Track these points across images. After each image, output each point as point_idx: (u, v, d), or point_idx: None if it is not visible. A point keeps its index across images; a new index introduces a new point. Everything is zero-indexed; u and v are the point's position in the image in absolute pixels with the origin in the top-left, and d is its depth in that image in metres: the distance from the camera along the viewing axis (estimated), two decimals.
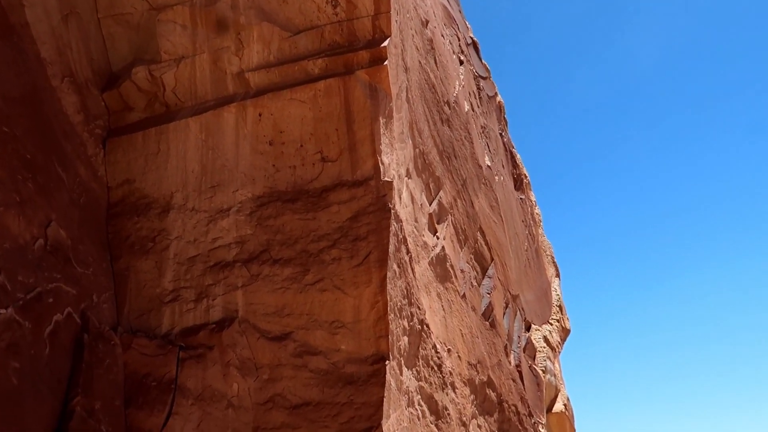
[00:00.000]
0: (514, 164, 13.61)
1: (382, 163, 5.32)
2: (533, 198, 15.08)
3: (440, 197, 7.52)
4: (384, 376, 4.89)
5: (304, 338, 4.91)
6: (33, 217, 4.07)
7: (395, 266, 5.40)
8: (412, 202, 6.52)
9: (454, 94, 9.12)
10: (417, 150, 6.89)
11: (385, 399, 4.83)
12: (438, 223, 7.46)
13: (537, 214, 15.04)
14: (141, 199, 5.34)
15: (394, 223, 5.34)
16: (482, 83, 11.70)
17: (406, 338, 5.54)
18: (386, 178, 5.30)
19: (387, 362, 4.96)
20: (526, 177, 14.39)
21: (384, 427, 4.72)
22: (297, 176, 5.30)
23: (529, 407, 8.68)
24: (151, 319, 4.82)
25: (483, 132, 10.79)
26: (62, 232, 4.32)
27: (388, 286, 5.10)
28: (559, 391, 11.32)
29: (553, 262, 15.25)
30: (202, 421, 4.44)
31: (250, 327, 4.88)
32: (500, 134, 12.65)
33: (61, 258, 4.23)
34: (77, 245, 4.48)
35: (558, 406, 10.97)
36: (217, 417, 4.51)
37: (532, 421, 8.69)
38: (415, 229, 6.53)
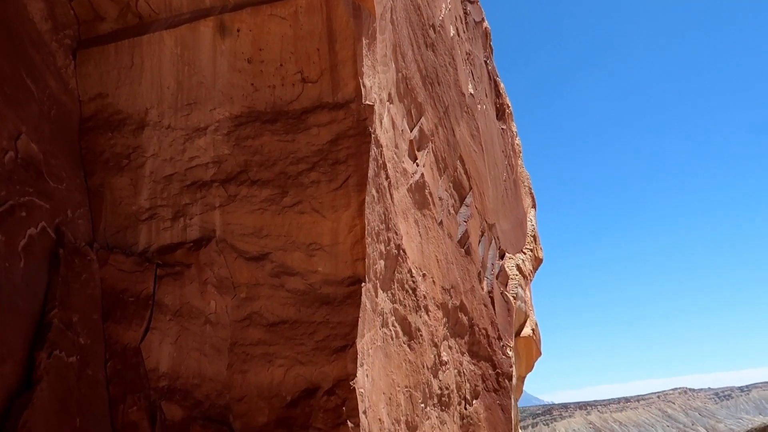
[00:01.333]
0: (498, 93, 13.46)
1: (364, 86, 5.22)
2: (514, 129, 15.03)
3: (422, 124, 7.45)
4: (360, 298, 5.01)
5: (282, 259, 4.96)
6: (2, 129, 3.94)
7: (374, 191, 5.41)
8: (393, 128, 6.46)
9: (440, 18, 8.86)
10: (400, 74, 6.75)
11: (360, 319, 4.97)
12: (418, 150, 7.43)
13: (517, 144, 15.05)
14: (114, 114, 5.19)
15: (374, 148, 5.30)
16: (469, 7, 11.36)
17: (382, 262, 5.63)
18: (367, 102, 5.22)
19: (363, 284, 5.06)
20: (508, 107, 14.28)
21: (358, 346, 4.87)
22: (276, 96, 5.18)
23: (498, 331, 9.02)
24: (128, 237, 4.81)
25: (468, 59, 10.58)
26: (33, 146, 4.21)
27: (366, 211, 5.13)
28: (528, 316, 11.75)
29: (530, 193, 15.43)
30: (180, 336, 4.53)
31: (227, 247, 4.90)
32: (485, 62, 12.42)
33: (33, 172, 4.14)
34: (49, 159, 4.38)
35: (526, 331, 11.43)
36: (195, 332, 4.61)
37: (501, 344, 9.05)
38: (395, 155, 6.50)
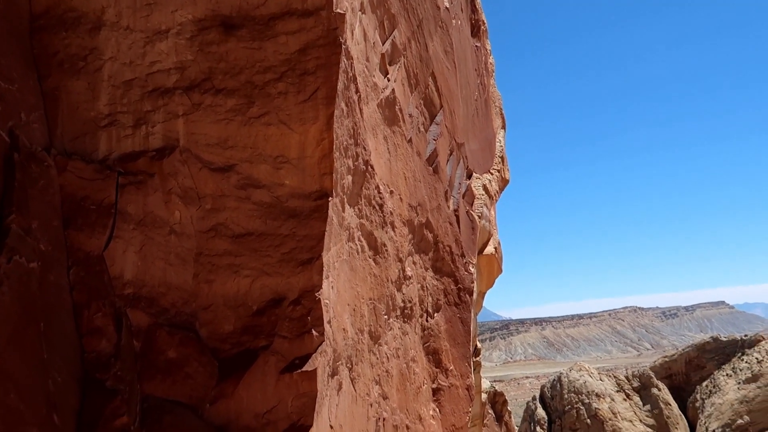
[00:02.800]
0: (474, 8, 13.06)
1: None
2: (488, 47, 14.73)
3: (394, 37, 7.22)
4: (326, 212, 5.02)
5: (248, 171, 4.90)
6: None
7: (343, 105, 5.31)
8: (365, 40, 6.25)
9: None
10: None
11: (326, 233, 5.01)
12: (390, 65, 7.25)
13: (491, 63, 14.81)
14: (68, 12, 4.86)
15: (345, 60, 5.15)
16: None
17: (350, 177, 5.62)
18: (338, 10, 5.00)
19: (330, 199, 5.06)
20: (484, 24, 13.91)
21: (324, 259, 4.94)
22: (242, 0, 4.92)
23: (462, 248, 9.24)
24: (87, 143, 4.65)
25: None
26: None
27: (335, 125, 5.04)
28: (492, 235, 12.04)
29: (501, 114, 15.37)
30: (145, 245, 4.51)
31: (192, 157, 4.79)
32: None
33: None
34: None
35: (489, 249, 11.73)
36: (160, 242, 4.58)
37: (464, 260, 9.30)
38: (365, 69, 6.33)
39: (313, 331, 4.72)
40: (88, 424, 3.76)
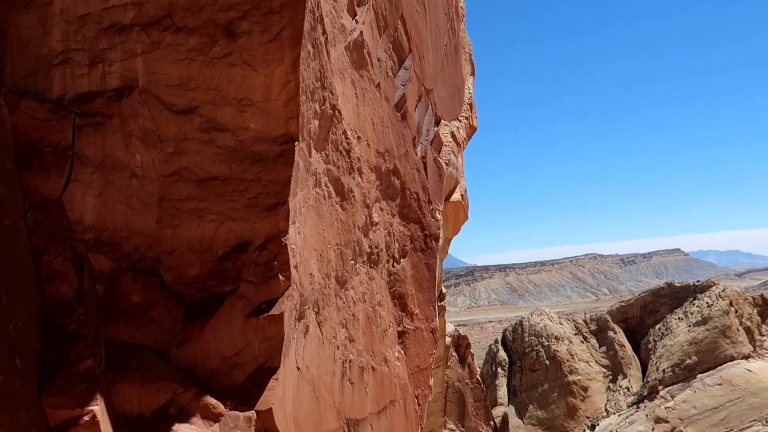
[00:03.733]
0: None
1: None
2: None
3: None
4: (292, 157, 4.95)
5: (211, 114, 4.77)
6: None
7: (309, 46, 5.16)
8: None
9: None
10: None
11: (292, 178, 4.95)
12: (358, 6, 7.04)
13: (461, 7, 14.53)
14: None
15: None
16: None
17: (316, 121, 5.53)
18: None
19: (296, 143, 4.99)
20: None
21: (290, 204, 4.91)
22: None
23: (429, 195, 9.29)
24: (39, 82, 4.43)
25: None
26: None
27: (301, 67, 4.92)
28: (459, 182, 12.11)
29: (470, 60, 15.21)
30: (105, 189, 4.39)
31: (152, 98, 4.63)
32: None
33: None
34: None
35: (455, 196, 11.83)
36: (121, 186, 4.47)
37: (431, 207, 9.37)
38: (333, 10, 6.14)
39: (280, 276, 4.74)
40: (52, 368, 3.74)
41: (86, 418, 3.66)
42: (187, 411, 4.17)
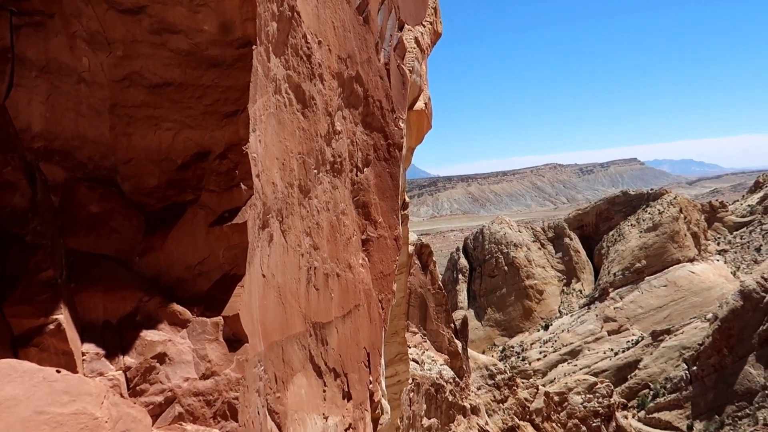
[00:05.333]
0: None
1: None
2: None
3: None
4: (251, 61, 4.75)
5: (162, 14, 4.48)
6: None
7: None
8: None
9: None
10: None
11: (251, 84, 4.78)
12: None
13: None
14: None
15: None
16: None
17: (275, 24, 5.28)
18: None
19: (254, 47, 4.77)
20: None
21: (250, 111, 4.77)
22: None
23: (392, 103, 9.15)
24: None
25: None
26: None
27: None
28: (422, 90, 11.92)
29: None
30: (52, 95, 4.16)
31: None
32: None
33: None
34: None
35: (419, 105, 11.67)
36: (68, 91, 4.24)
37: (394, 116, 9.25)
38: None
39: (242, 185, 4.68)
40: (10, 279, 3.69)
41: (51, 326, 3.67)
42: (154, 318, 4.21)
